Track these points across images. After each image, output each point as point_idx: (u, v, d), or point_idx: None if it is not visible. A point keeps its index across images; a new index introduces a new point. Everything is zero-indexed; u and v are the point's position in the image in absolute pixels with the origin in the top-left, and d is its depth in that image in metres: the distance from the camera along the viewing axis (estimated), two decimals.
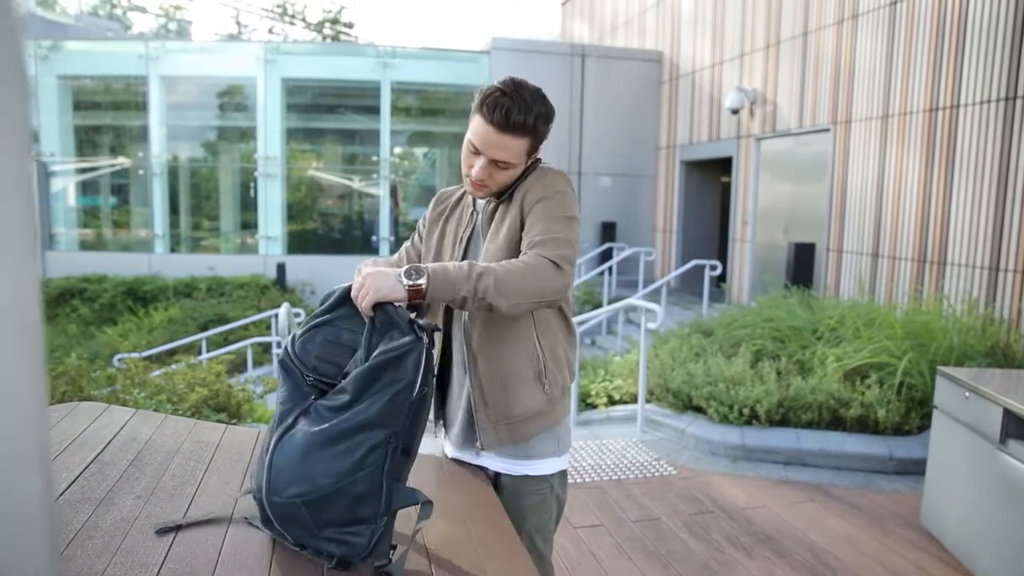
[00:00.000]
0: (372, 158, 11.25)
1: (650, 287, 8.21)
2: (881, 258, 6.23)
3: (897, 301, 5.79)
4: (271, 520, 1.11)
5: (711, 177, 9.95)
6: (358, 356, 1.14)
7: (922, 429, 3.91)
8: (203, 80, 10.88)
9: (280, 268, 9.81)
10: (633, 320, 7.49)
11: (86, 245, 11.04)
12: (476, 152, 1.39)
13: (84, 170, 11.06)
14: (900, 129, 5.98)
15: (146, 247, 10.63)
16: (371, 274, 1.17)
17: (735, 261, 8.60)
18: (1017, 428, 2.43)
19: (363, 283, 1.16)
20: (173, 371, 3.89)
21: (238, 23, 23.75)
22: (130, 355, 5.20)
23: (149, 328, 8.26)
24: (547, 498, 1.49)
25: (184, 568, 1.12)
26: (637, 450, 3.95)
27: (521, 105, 1.33)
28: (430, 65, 10.96)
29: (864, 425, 3.90)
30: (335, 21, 23.72)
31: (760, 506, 3.26)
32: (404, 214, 11.44)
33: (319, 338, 1.20)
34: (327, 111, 11.54)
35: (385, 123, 10.48)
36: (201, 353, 6.98)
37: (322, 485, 1.05)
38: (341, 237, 11.49)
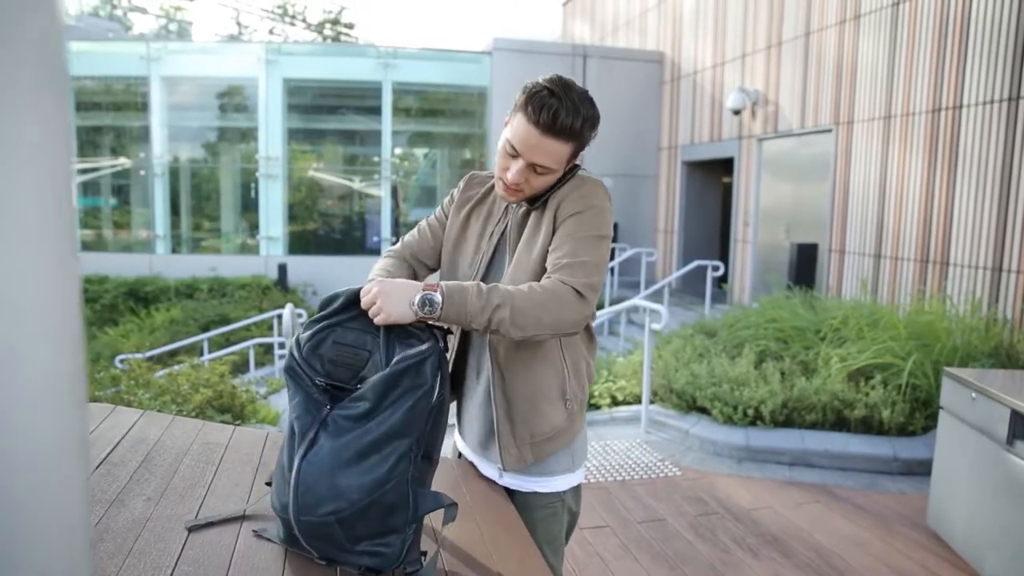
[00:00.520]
0: (373, 159, 11.25)
1: (652, 288, 8.21)
2: (883, 259, 6.23)
3: (899, 302, 5.78)
4: (296, 537, 1.09)
5: (712, 178, 9.95)
6: (375, 360, 1.11)
7: (926, 430, 3.91)
8: (204, 81, 10.88)
9: (281, 269, 9.80)
10: (635, 321, 7.49)
11: (87, 246, 11.03)
12: (514, 154, 1.28)
13: (85, 171, 11.06)
14: (903, 130, 5.98)
15: (147, 248, 10.63)
16: (383, 293, 1.13)
17: (736, 262, 8.60)
18: None
19: (374, 302, 1.13)
20: (177, 372, 3.89)
21: (238, 24, 23.76)
22: (133, 356, 5.19)
23: (151, 329, 8.26)
24: (558, 512, 1.44)
25: (197, 570, 1.12)
26: (641, 451, 3.94)
27: (569, 107, 1.23)
28: (431, 66, 10.96)
29: (868, 426, 3.90)
30: (335, 22, 23.73)
31: (765, 507, 3.26)
32: (405, 215, 11.43)
33: (330, 341, 1.15)
34: (328, 112, 11.54)
35: (386, 124, 10.49)
36: (203, 354, 6.98)
37: (354, 500, 1.03)
38: (342, 238, 11.48)
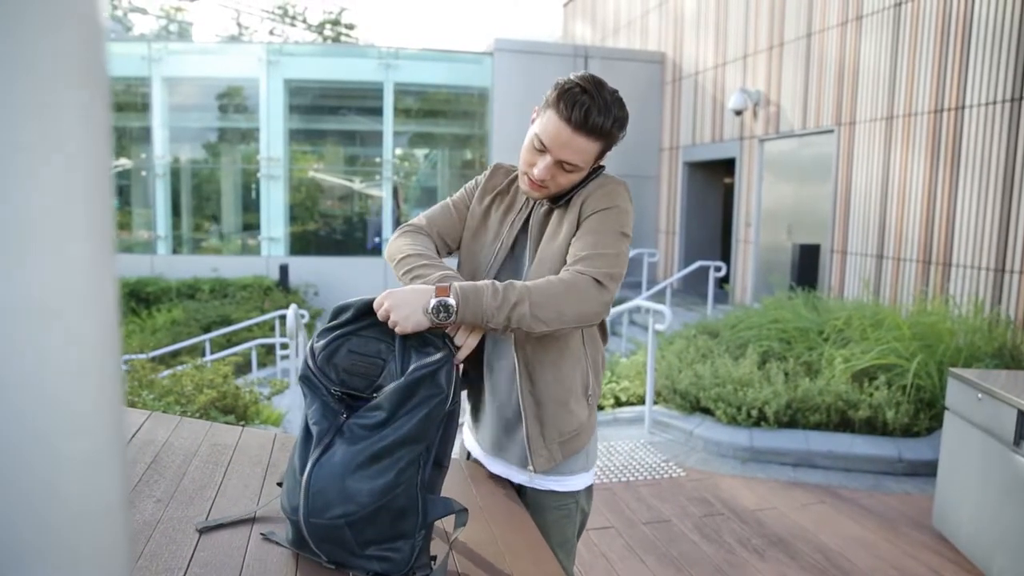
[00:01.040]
0: (374, 159, 11.25)
1: (654, 288, 8.21)
2: (886, 259, 6.23)
3: (902, 303, 5.78)
4: (305, 540, 1.09)
5: (714, 178, 9.95)
6: (391, 368, 1.11)
7: (931, 430, 3.90)
8: (205, 81, 10.88)
9: (283, 269, 9.80)
10: (637, 322, 7.48)
11: None
12: (542, 150, 1.27)
13: None
14: (905, 130, 5.98)
15: (148, 248, 10.63)
16: (395, 305, 1.11)
17: (738, 262, 8.60)
18: None
19: (388, 313, 1.11)
20: (180, 372, 3.88)
21: (239, 25, 23.74)
22: (137, 356, 5.19)
23: (152, 329, 8.25)
24: (571, 513, 1.43)
25: (209, 572, 1.11)
26: (645, 451, 3.94)
27: (601, 106, 1.23)
28: (432, 66, 10.96)
29: (873, 427, 3.90)
30: (336, 22, 23.73)
31: (770, 508, 3.25)
32: (405, 215, 11.44)
33: (344, 350, 1.14)
34: (330, 112, 11.54)
35: (388, 124, 10.48)
36: (205, 354, 6.97)
37: (364, 504, 1.03)
38: (344, 239, 11.48)
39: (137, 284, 9.49)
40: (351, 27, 23.65)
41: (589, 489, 1.47)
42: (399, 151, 11.80)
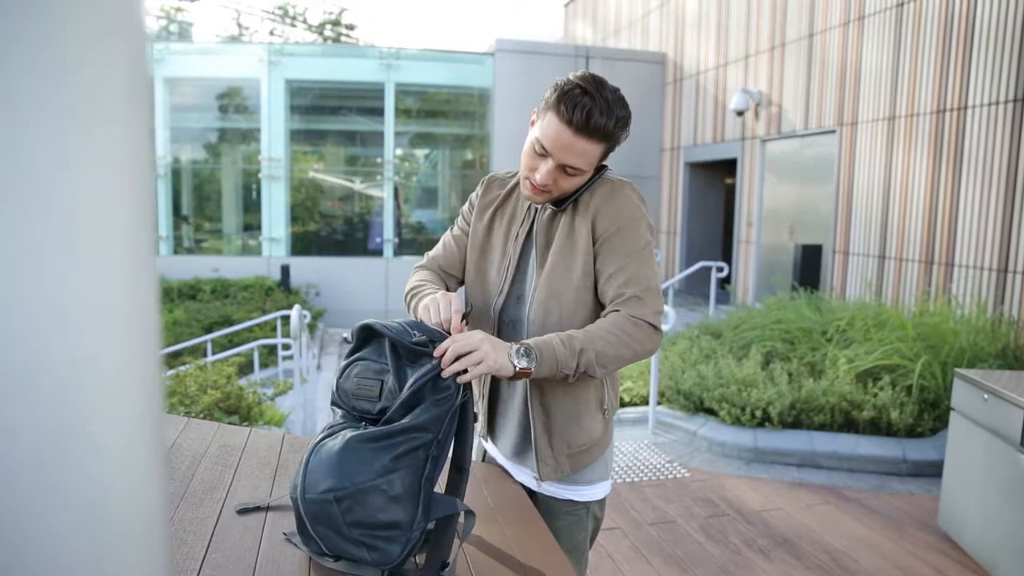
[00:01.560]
0: (376, 160, 11.24)
1: None
2: (888, 260, 6.23)
3: (904, 303, 5.78)
4: (304, 522, 1.08)
5: (715, 179, 9.95)
6: (390, 387, 1.12)
7: (935, 431, 3.90)
8: (207, 82, 10.87)
9: (284, 270, 9.79)
10: None
11: None
12: (543, 154, 1.24)
13: None
14: (907, 131, 5.98)
15: None
16: (492, 348, 1.12)
17: (740, 263, 8.60)
18: None
19: (475, 348, 1.10)
20: (184, 373, 3.88)
21: (239, 25, 23.72)
22: None
23: None
24: (582, 519, 1.41)
25: (220, 575, 1.11)
26: (649, 452, 3.93)
27: (603, 106, 1.19)
28: (434, 67, 10.95)
29: (877, 427, 3.89)
30: (336, 23, 23.72)
31: (775, 508, 3.25)
32: (406, 216, 11.43)
33: (353, 374, 1.17)
34: (331, 113, 11.53)
35: (389, 125, 10.48)
36: (206, 355, 6.96)
37: (356, 481, 1.02)
38: (345, 239, 11.47)
39: None
40: (351, 27, 23.64)
41: (604, 497, 1.45)
42: (399, 151, 11.79)
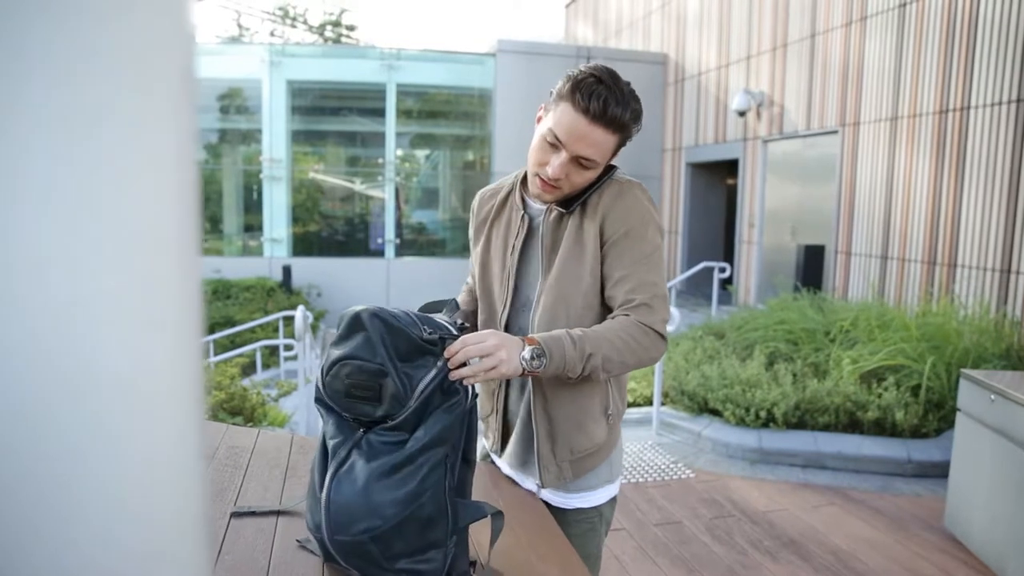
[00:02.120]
0: (377, 160, 11.24)
1: None
2: (890, 260, 6.23)
3: (907, 304, 5.78)
4: (332, 555, 1.05)
5: (717, 179, 9.95)
6: (393, 391, 1.01)
7: (940, 432, 3.90)
8: (207, 82, 10.86)
9: (286, 270, 9.79)
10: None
11: None
12: (556, 146, 1.21)
13: None
14: (909, 131, 5.98)
15: None
16: (506, 347, 1.09)
17: (741, 263, 8.59)
18: None
19: (494, 362, 1.07)
20: None
21: (240, 26, 23.71)
22: None
23: None
24: (596, 527, 1.39)
25: None
26: (654, 453, 3.93)
27: (619, 97, 1.18)
28: (435, 67, 10.95)
29: (882, 428, 3.89)
30: (336, 23, 23.72)
31: (781, 509, 3.25)
32: (407, 216, 11.43)
33: (343, 374, 1.05)
34: (332, 113, 11.53)
35: (390, 125, 10.48)
36: (209, 356, 6.96)
37: (389, 516, 0.98)
38: (346, 240, 11.47)
39: None
40: (352, 28, 23.63)
41: (613, 499, 1.43)
42: (400, 152, 11.79)
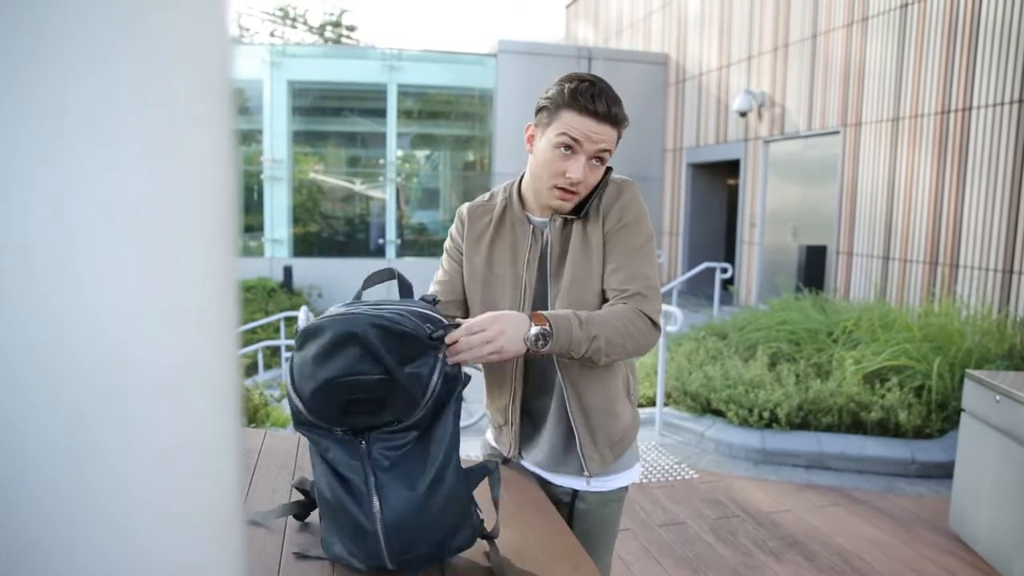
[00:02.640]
0: (378, 161, 11.24)
1: (660, 290, 8.19)
2: (892, 260, 6.23)
3: (909, 304, 5.78)
4: (390, 567, 1.06)
5: (718, 180, 9.95)
6: (398, 395, 0.97)
7: (943, 432, 3.89)
8: None
9: (287, 271, 9.79)
10: None
11: None
12: (572, 148, 1.25)
13: None
14: (911, 132, 5.98)
15: None
16: (504, 330, 1.08)
17: (743, 264, 8.59)
18: None
19: (495, 348, 1.07)
20: None
21: (240, 27, 23.72)
22: None
23: None
24: (623, 501, 1.47)
25: None
26: (657, 453, 3.93)
27: (612, 95, 1.26)
28: (436, 68, 10.95)
29: (885, 428, 3.89)
30: (336, 24, 23.71)
31: (785, 510, 3.24)
32: (408, 217, 11.43)
33: (339, 394, 0.95)
34: (333, 114, 11.52)
35: (391, 126, 10.48)
36: None
37: (444, 523, 1.04)
38: (347, 240, 11.46)
39: None
40: (352, 28, 23.63)
41: None
42: (401, 152, 11.79)
